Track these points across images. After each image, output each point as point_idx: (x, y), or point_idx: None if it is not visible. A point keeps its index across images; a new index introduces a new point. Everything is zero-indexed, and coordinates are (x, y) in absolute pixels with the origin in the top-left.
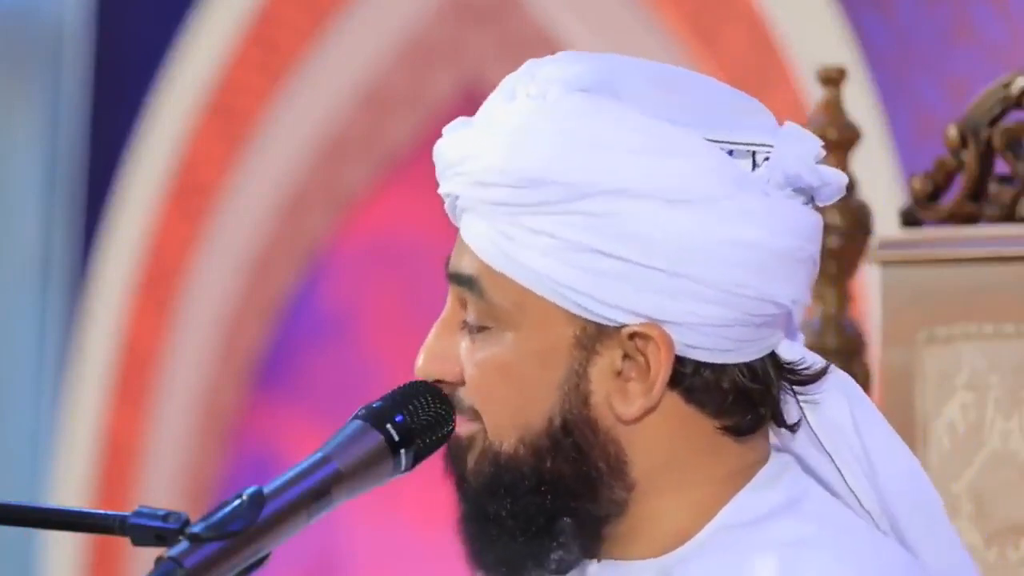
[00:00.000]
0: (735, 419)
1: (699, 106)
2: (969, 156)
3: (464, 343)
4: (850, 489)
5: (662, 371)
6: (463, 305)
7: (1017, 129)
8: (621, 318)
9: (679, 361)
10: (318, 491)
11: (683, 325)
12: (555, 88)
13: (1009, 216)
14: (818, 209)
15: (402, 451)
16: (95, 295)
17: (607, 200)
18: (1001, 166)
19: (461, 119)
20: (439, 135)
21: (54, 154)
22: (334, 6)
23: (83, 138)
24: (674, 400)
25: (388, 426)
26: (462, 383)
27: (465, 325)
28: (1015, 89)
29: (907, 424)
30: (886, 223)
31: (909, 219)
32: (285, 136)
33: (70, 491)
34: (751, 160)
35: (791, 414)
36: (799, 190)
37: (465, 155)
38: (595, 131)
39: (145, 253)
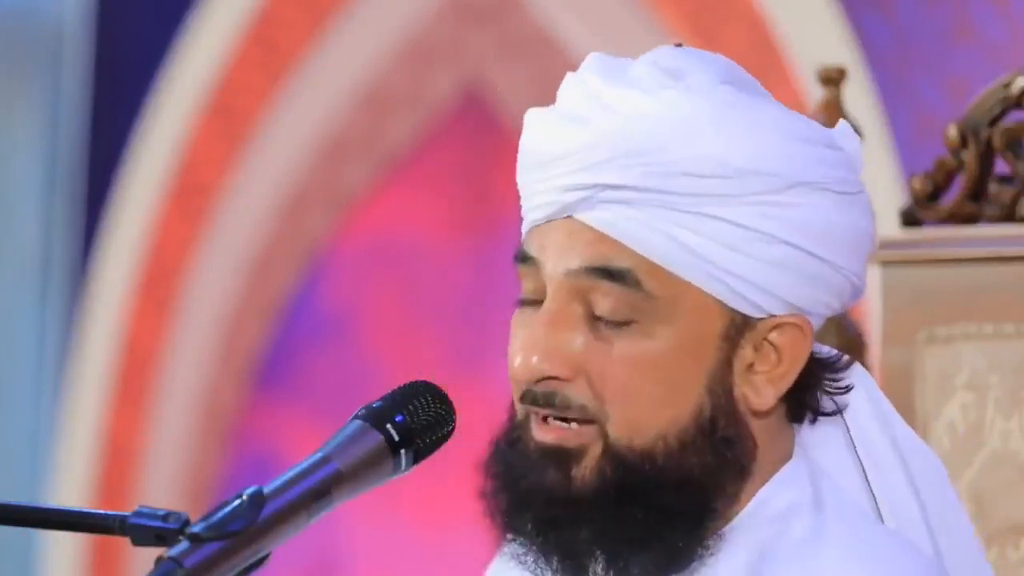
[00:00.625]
0: (805, 404)
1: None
2: (969, 156)
3: (590, 339)
4: (867, 481)
5: (800, 359)
6: (582, 301)
7: (1017, 129)
8: (775, 308)
9: None
10: (318, 491)
11: (815, 314)
12: (704, 81)
13: (1009, 216)
14: None
15: (402, 451)
16: (95, 295)
17: (800, 191)
18: (1001, 166)
19: (544, 112)
20: (439, 135)
21: (54, 154)
22: (334, 6)
23: (83, 138)
24: None
25: (388, 426)
26: (573, 381)
27: (589, 320)
28: (1015, 89)
29: (907, 424)
30: (886, 223)
31: (909, 219)
32: (285, 136)
33: (70, 491)
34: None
35: (825, 405)
36: None
37: (645, 145)
38: (771, 122)
39: (145, 253)
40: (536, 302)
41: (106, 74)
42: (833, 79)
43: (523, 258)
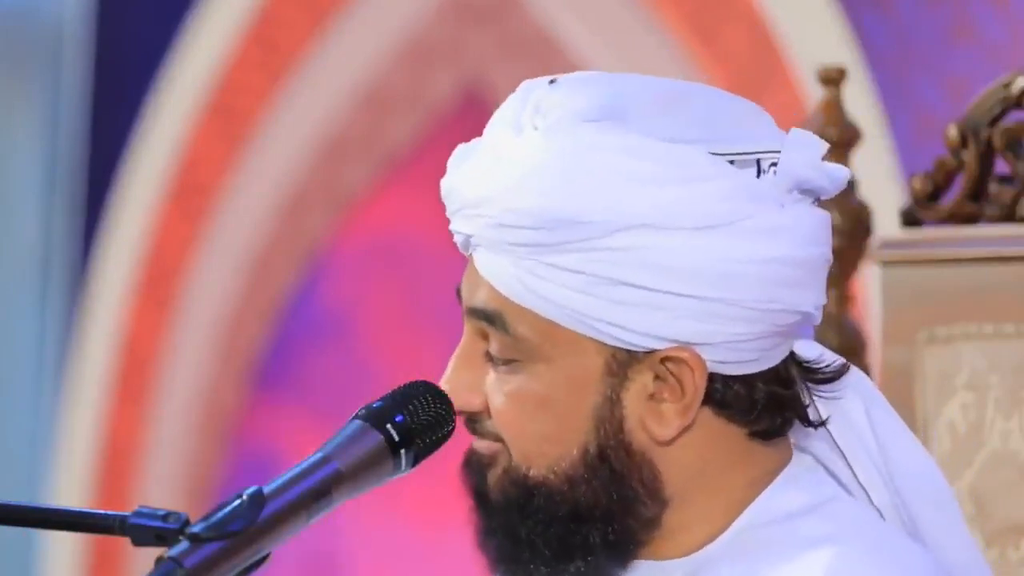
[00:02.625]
0: (764, 424)
1: (702, 119)
2: (969, 156)
3: (490, 375)
4: (861, 486)
5: (697, 391)
6: (483, 337)
7: (1017, 129)
8: (652, 345)
9: (709, 377)
10: (318, 491)
11: (713, 345)
12: (564, 121)
13: (1009, 216)
14: (822, 204)
15: (402, 451)
16: (95, 295)
17: (631, 235)
18: (1001, 166)
19: (463, 148)
20: (439, 135)
21: (54, 154)
22: (334, 6)
23: (83, 138)
24: (706, 414)
25: (388, 426)
26: (487, 413)
27: (488, 356)
28: (1015, 89)
29: (907, 424)
30: (886, 223)
31: (909, 219)
32: (285, 136)
33: (70, 491)
34: (755, 168)
35: (812, 412)
36: (806, 191)
37: (480, 197)
38: (612, 166)
39: (145, 253)
40: None
41: (106, 74)
42: (833, 79)
43: (457, 293)
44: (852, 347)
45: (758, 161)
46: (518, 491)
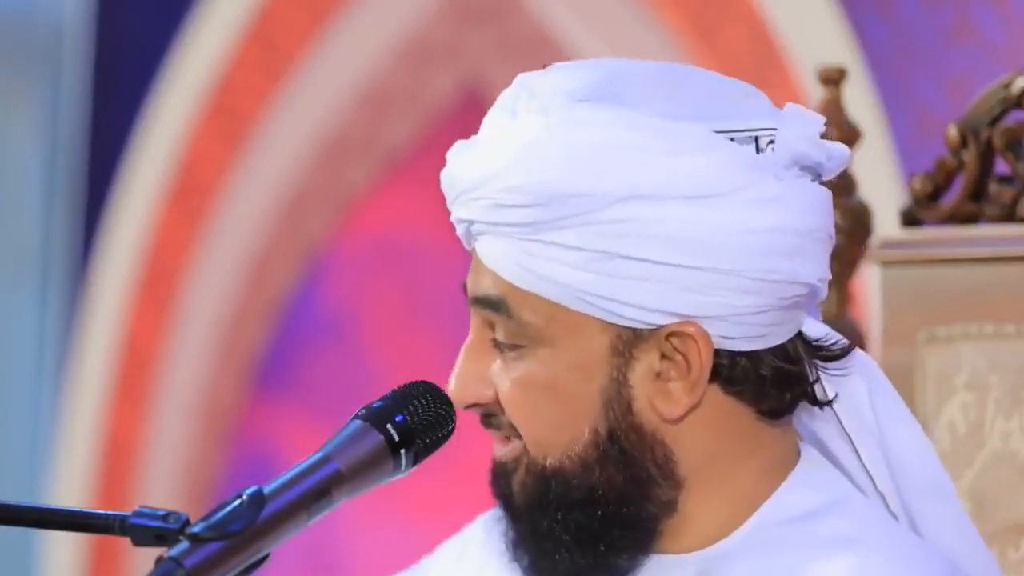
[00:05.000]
0: (772, 402)
1: (699, 99)
2: (969, 156)
3: (496, 363)
4: (865, 468)
5: (704, 367)
6: (489, 326)
7: (1017, 129)
8: (656, 320)
9: (716, 353)
10: (318, 491)
11: (717, 318)
12: (558, 101)
13: (1009, 216)
14: (825, 184)
15: (402, 451)
16: (95, 295)
17: (628, 207)
18: (1001, 166)
19: (461, 142)
20: (439, 135)
21: (54, 154)
22: (334, 6)
23: (83, 138)
24: (714, 392)
25: (388, 426)
26: (498, 403)
27: (496, 345)
28: (1015, 89)
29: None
30: (886, 223)
31: (909, 219)
32: (285, 136)
33: (70, 491)
34: (754, 145)
35: (819, 392)
36: (806, 168)
37: (478, 179)
38: (606, 139)
39: (145, 253)
40: None
41: (106, 74)
42: (833, 79)
43: (463, 288)
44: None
45: (756, 139)
46: (536, 483)
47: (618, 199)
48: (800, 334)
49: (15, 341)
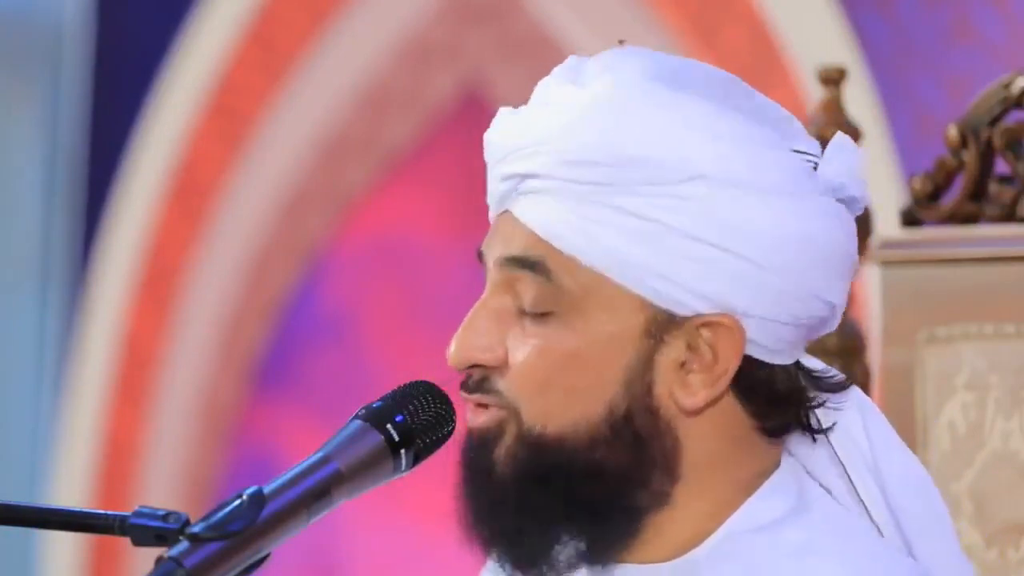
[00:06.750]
0: (777, 420)
1: (765, 109)
2: (969, 156)
3: (514, 329)
4: (860, 500)
5: (733, 360)
6: (509, 290)
7: (1017, 129)
8: (697, 305)
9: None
10: (318, 491)
11: (753, 318)
12: (633, 77)
13: (1009, 216)
14: None
15: (402, 451)
16: (95, 295)
17: (705, 185)
18: (1001, 166)
19: (507, 109)
20: (439, 135)
21: (54, 154)
22: (334, 6)
23: (83, 138)
24: (729, 397)
25: (388, 426)
26: (499, 368)
27: (518, 311)
28: (1015, 89)
29: (907, 424)
30: (886, 223)
31: (909, 219)
32: (285, 136)
33: (70, 491)
34: (811, 164)
35: (815, 421)
36: (840, 200)
37: (540, 136)
38: (690, 116)
39: (145, 253)
40: None
41: (106, 74)
42: (833, 79)
43: (479, 255)
44: (852, 347)
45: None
46: (529, 453)
47: (696, 175)
48: (799, 363)
49: (15, 341)
